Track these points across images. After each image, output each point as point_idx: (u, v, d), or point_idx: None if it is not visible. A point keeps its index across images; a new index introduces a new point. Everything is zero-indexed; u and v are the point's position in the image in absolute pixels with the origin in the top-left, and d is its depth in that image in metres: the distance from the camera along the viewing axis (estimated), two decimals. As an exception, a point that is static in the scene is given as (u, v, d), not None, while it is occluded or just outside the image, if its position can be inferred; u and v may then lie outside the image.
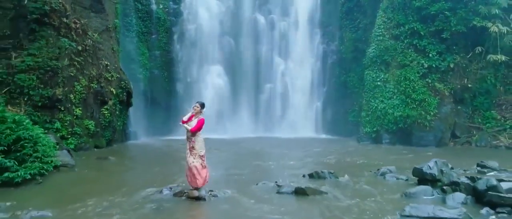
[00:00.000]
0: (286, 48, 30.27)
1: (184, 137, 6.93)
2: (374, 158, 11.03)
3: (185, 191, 6.45)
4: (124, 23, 23.52)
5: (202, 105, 6.87)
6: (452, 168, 8.04)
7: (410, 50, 19.65)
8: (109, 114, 16.97)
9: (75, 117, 14.61)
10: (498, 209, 5.65)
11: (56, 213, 5.33)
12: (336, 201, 6.37)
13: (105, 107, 16.86)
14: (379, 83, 20.27)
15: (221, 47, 29.02)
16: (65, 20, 14.69)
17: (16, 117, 8.21)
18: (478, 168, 9.45)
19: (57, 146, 10.40)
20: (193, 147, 6.67)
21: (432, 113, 18.46)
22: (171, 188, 6.84)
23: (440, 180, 7.07)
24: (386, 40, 20.43)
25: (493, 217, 5.46)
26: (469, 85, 18.94)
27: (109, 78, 17.25)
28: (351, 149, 16.65)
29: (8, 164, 7.24)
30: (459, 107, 19.38)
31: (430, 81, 18.99)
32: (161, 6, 27.38)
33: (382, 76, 20.23)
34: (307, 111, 28.72)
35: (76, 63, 15.01)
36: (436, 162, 7.47)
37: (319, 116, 28.22)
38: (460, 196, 6.26)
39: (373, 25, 21.69)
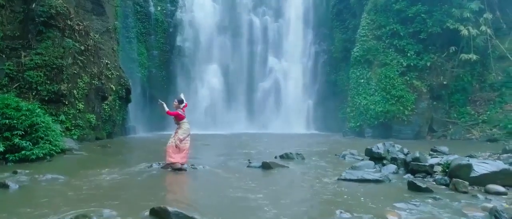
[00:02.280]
0: (280, 48, 31.68)
1: None
2: (349, 147, 12.34)
3: (170, 164, 7.86)
4: (124, 24, 24.94)
5: (180, 101, 8.26)
6: (408, 153, 9.34)
7: (390, 50, 21.03)
8: (109, 109, 18.38)
9: (78, 110, 16.01)
10: (417, 175, 7.05)
11: (67, 177, 6.73)
12: (292, 172, 7.76)
13: (106, 102, 18.27)
14: (362, 81, 21.64)
15: (217, 47, 30.46)
16: (69, 22, 16.09)
17: (30, 106, 9.62)
18: (431, 152, 10.84)
19: (63, 134, 11.82)
20: (177, 132, 8.08)
21: (410, 109, 19.84)
22: (159, 163, 8.25)
23: (385, 158, 8.46)
24: (369, 40, 21.81)
25: (408, 177, 6.81)
26: (445, 82, 20.29)
27: (109, 76, 18.66)
28: (333, 142, 18.01)
29: (25, 144, 8.66)
30: (436, 103, 20.73)
31: (408, 78, 20.37)
32: (159, 8, 28.80)
33: (365, 74, 21.60)
34: (299, 108, 30.09)
35: (79, 62, 16.41)
36: (384, 144, 8.87)
37: (311, 113, 29.58)
38: (392, 167, 7.67)
39: (360, 27, 23.08)
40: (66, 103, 15.34)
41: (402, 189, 6.10)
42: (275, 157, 9.92)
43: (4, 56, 14.29)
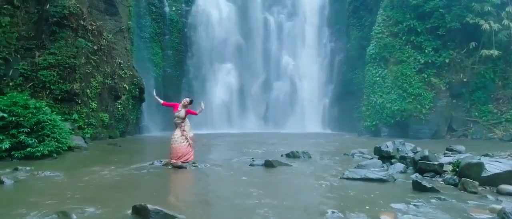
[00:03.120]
0: (295, 47, 31.34)
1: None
2: (361, 147, 11.97)
3: (171, 162, 7.76)
4: (139, 24, 25.21)
5: (191, 101, 8.22)
6: (416, 151, 8.93)
7: (407, 47, 20.39)
8: (122, 108, 18.57)
9: (91, 109, 16.22)
10: (425, 174, 6.66)
11: (66, 174, 6.72)
12: (295, 171, 7.51)
13: (119, 101, 18.46)
14: (378, 79, 21.09)
15: (231, 46, 30.40)
16: (82, 22, 16.33)
17: (37, 104, 9.74)
18: (446, 151, 10.34)
19: (73, 132, 11.94)
20: (184, 130, 8.00)
21: (427, 107, 19.17)
22: (161, 161, 8.17)
23: (394, 156, 8.08)
24: (385, 37, 21.22)
25: (415, 177, 6.43)
26: (465, 80, 19.50)
27: (123, 75, 18.85)
28: (346, 141, 17.59)
29: (30, 141, 8.76)
30: (455, 101, 19.96)
31: (426, 76, 19.69)
32: (173, 8, 28.97)
33: (381, 72, 21.03)
34: (315, 107, 29.68)
35: (92, 61, 16.63)
36: (393, 142, 8.49)
37: (326, 112, 29.14)
38: (400, 166, 7.29)
39: (376, 24, 22.49)
40: (79, 102, 15.55)
41: (407, 189, 5.77)
42: (281, 156, 9.69)
43: (19, 56, 14.60)
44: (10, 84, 13.83)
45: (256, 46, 31.22)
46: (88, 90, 16.23)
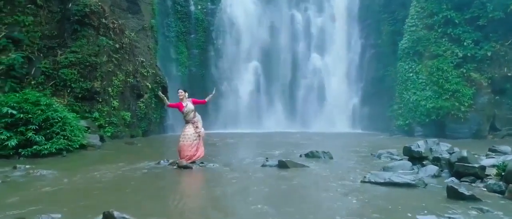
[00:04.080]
0: (323, 44, 30.24)
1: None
2: (392, 147, 10.92)
3: (176, 161, 7.20)
4: (164, 23, 25.13)
5: (185, 90, 7.65)
6: (453, 152, 7.90)
7: (443, 40, 18.89)
8: (144, 107, 18.39)
9: (112, 108, 16.10)
10: (463, 179, 5.66)
11: (63, 173, 6.32)
12: (310, 172, 6.71)
13: (141, 100, 18.29)
14: (411, 74, 19.73)
15: (257, 44, 29.76)
16: (103, 20, 16.25)
17: (48, 101, 9.55)
18: (488, 152, 9.15)
19: (89, 130, 11.73)
20: (197, 127, 7.45)
21: (466, 104, 17.63)
22: (167, 160, 7.63)
23: (427, 157, 7.09)
24: (419, 30, 19.82)
25: (450, 182, 5.47)
26: (509, 74, 17.74)
27: (145, 74, 18.68)
28: (376, 141, 16.45)
29: (38, 139, 8.52)
30: (499, 97, 18.23)
31: (465, 71, 18.13)
32: (199, 7, 28.72)
33: (415, 67, 19.66)
34: (344, 106, 28.54)
35: (113, 60, 16.53)
36: (426, 141, 7.48)
37: (356, 111, 27.93)
38: (433, 168, 6.29)
39: (409, 17, 21.09)
40: (100, 100, 15.46)
41: (440, 196, 4.85)
42: (300, 156, 8.90)
43: (41, 55, 14.68)
44: (32, 82, 13.89)
45: (283, 43, 30.43)
46: (109, 89, 16.12)
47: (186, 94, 7.69)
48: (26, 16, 14.40)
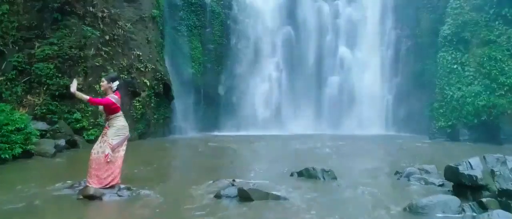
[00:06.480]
0: (353, 37, 27.33)
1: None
2: (427, 158, 8.06)
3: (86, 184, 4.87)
4: (173, 16, 23.22)
5: (110, 80, 5.20)
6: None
7: (497, 23, 15.52)
8: (141, 106, 16.41)
9: (99, 108, 14.15)
10: None
11: None
12: (285, 211, 4.06)
13: (138, 99, 16.32)
14: (455, 66, 16.52)
15: (280, 38, 27.39)
16: (90, 9, 14.39)
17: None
18: None
19: (48, 135, 9.74)
20: (105, 133, 5.12)
21: (529, 102, 14.13)
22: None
23: (486, 187, 4.24)
24: (465, 13, 16.55)
25: None
26: None
27: (142, 69, 16.68)
28: (409, 147, 13.42)
29: None
30: None
31: (526, 60, 14.62)
32: (215, -1, 26.62)
33: (460, 57, 16.40)
34: (377, 105, 25.55)
35: (103, 53, 14.66)
36: (484, 158, 4.60)
37: (390, 110, 24.92)
38: (504, 215, 3.45)
39: (452, 0, 17.81)
40: (83, 99, 13.57)
41: None
42: (291, 174, 6.25)
43: (17, 47, 13.02)
44: (1, 79, 12.18)
45: (308, 37, 27.80)
46: (97, 86, 14.19)
47: (113, 84, 5.28)
48: (0, 4, 12.75)
